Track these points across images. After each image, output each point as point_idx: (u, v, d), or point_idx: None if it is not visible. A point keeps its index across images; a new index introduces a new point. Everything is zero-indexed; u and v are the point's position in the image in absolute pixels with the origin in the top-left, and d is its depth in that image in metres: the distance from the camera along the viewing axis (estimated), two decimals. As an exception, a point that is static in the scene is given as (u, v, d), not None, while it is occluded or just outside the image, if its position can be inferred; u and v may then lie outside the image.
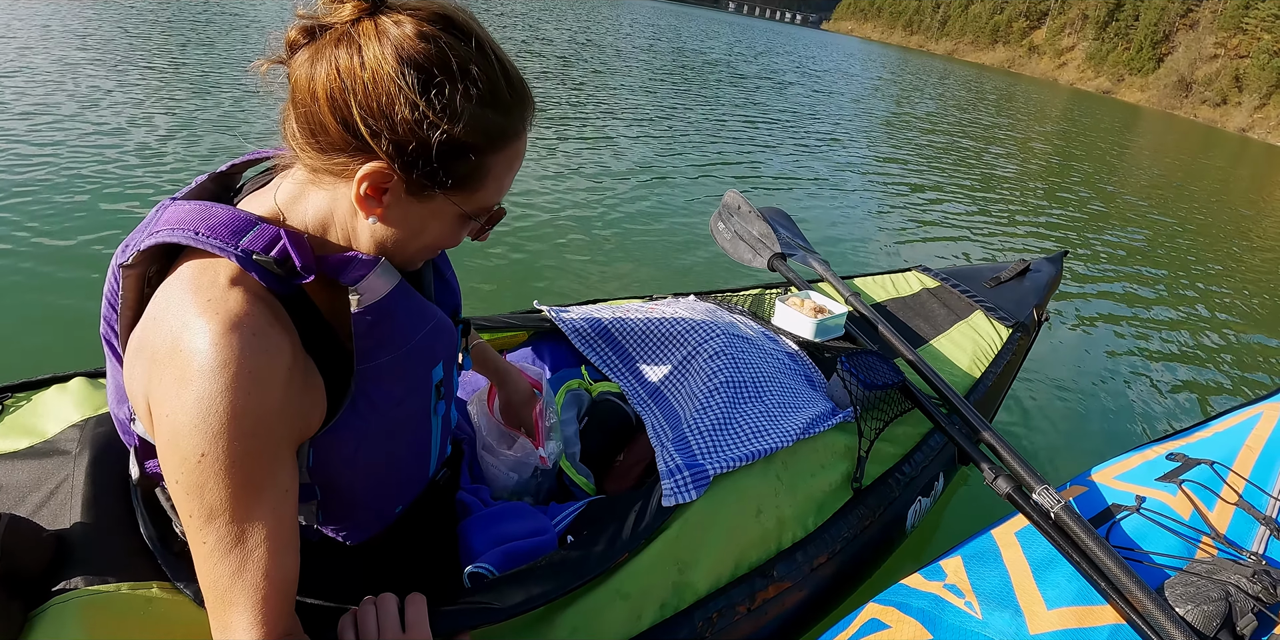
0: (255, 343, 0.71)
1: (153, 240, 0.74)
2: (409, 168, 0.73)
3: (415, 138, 0.71)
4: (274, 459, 0.74)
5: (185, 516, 0.72)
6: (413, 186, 0.75)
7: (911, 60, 34.44)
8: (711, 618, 1.14)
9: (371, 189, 0.74)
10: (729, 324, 1.60)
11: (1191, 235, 7.52)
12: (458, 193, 0.78)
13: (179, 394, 0.69)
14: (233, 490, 0.71)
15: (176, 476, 0.71)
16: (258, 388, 0.70)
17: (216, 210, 0.76)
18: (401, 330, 0.84)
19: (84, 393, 1.20)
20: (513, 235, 4.02)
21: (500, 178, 0.80)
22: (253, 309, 0.72)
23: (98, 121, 4.84)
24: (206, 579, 0.73)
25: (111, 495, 0.99)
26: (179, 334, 0.70)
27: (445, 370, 0.95)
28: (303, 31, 0.72)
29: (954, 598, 1.26)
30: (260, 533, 0.73)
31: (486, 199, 0.81)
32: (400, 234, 0.80)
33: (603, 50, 13.90)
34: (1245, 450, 1.68)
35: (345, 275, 0.78)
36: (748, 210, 2.37)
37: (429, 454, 0.99)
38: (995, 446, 1.55)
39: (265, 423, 0.71)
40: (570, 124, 7.12)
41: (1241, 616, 1.21)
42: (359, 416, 0.82)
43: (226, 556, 0.72)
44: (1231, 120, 31.38)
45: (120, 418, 0.85)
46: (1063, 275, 2.71)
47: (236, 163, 0.90)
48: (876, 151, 8.87)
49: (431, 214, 0.79)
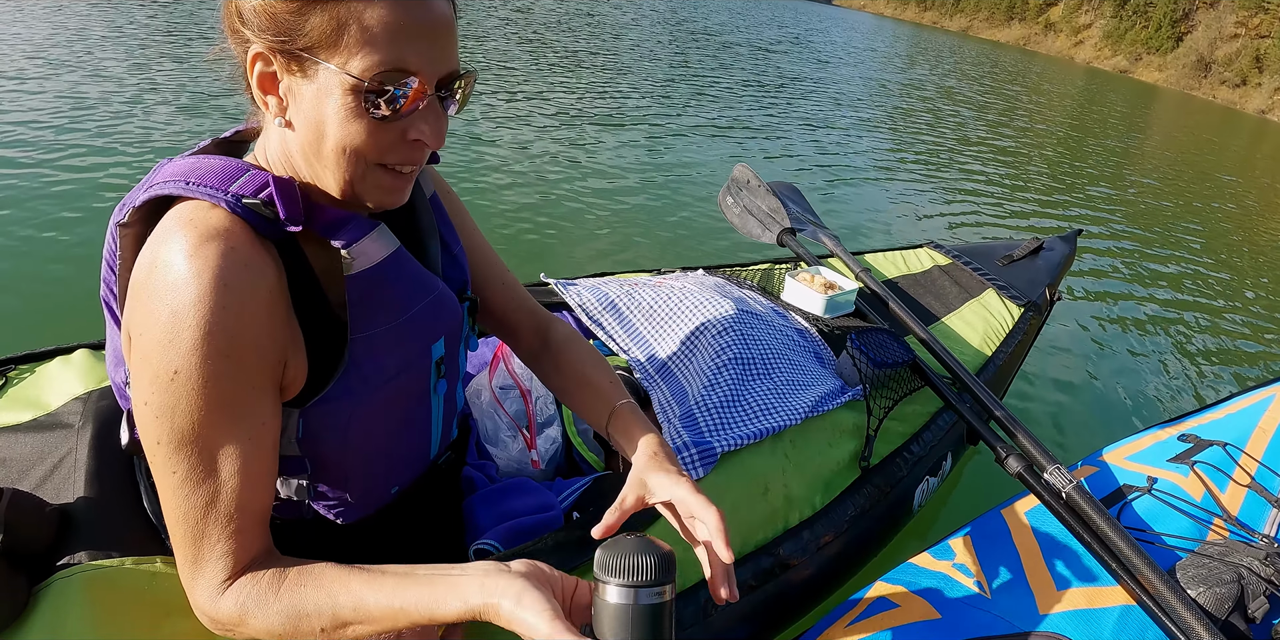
0: (234, 256, 0.68)
1: (147, 195, 0.72)
2: (272, 31, 0.68)
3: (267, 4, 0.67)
4: (251, 386, 0.71)
5: (153, 444, 0.69)
6: (287, 56, 0.69)
7: (925, 37, 33.98)
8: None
9: (262, 76, 0.71)
10: (738, 299, 1.58)
11: (1208, 216, 7.44)
12: (327, 52, 0.68)
13: (151, 309, 0.67)
14: (206, 412, 0.68)
15: (146, 398, 0.68)
16: (235, 303, 0.68)
17: (210, 161, 0.75)
18: (397, 299, 0.82)
19: (87, 364, 1.20)
20: (521, 209, 4.01)
21: (377, 26, 0.67)
22: (235, 227, 0.70)
23: (105, 91, 4.82)
24: (176, 511, 0.70)
25: (114, 469, 0.99)
26: (156, 253, 0.68)
27: (448, 347, 0.92)
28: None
29: (962, 577, 1.26)
30: (234, 461, 0.70)
31: (370, 59, 0.68)
32: (308, 134, 0.72)
33: (610, 27, 13.74)
34: (1258, 432, 1.67)
35: (338, 236, 0.75)
36: (757, 185, 2.34)
37: (429, 434, 0.96)
38: (1006, 425, 1.53)
39: (242, 344, 0.69)
40: (578, 98, 7.06)
41: (1254, 599, 1.20)
42: (349, 389, 0.79)
43: (200, 486, 0.70)
44: (1251, 101, 30.94)
45: (117, 382, 0.83)
46: (1076, 254, 2.67)
47: (242, 128, 0.87)
48: (889, 127, 8.77)
49: (320, 92, 0.69)
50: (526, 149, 5.09)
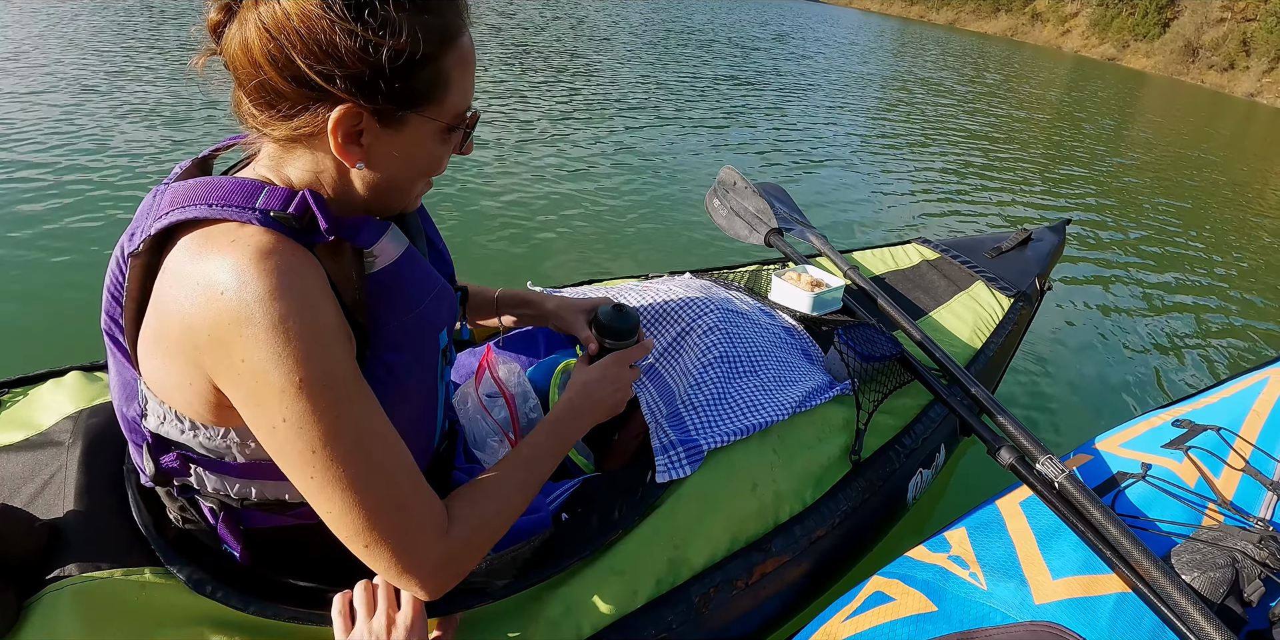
0: (296, 262, 0.71)
1: (165, 221, 0.73)
2: (372, 97, 0.73)
3: (366, 64, 0.71)
4: (354, 368, 0.75)
5: (308, 455, 0.72)
6: (384, 116, 0.75)
7: (912, 30, 34.00)
8: (709, 593, 1.13)
9: (347, 135, 0.74)
10: (724, 300, 1.58)
11: (1198, 201, 7.44)
12: (427, 106, 0.77)
13: (243, 333, 0.68)
14: (345, 402, 0.73)
15: (283, 415, 0.70)
16: (318, 304, 0.71)
17: (221, 181, 0.77)
18: (412, 294, 0.85)
19: (79, 385, 1.21)
20: (507, 217, 4.00)
21: (460, 79, 0.79)
22: (279, 239, 0.72)
23: (92, 112, 4.82)
24: (365, 504, 0.74)
25: (104, 484, 1.00)
26: (211, 279, 0.69)
27: (448, 336, 0.97)
28: (220, 10, 0.72)
29: (958, 569, 1.26)
30: (385, 431, 0.77)
31: (456, 104, 0.80)
32: (391, 171, 0.80)
33: (591, 30, 13.73)
34: (1252, 415, 1.67)
35: (360, 238, 0.79)
36: (744, 186, 2.35)
37: (435, 421, 1.00)
38: (997, 417, 1.53)
39: (336, 337, 0.73)
40: (559, 102, 7.04)
41: (1249, 582, 1.20)
42: (377, 382, 0.81)
43: (379, 467, 0.75)
44: (1239, 85, 30.95)
45: (130, 416, 0.84)
46: (1066, 243, 2.68)
47: (217, 147, 0.91)
48: (875, 124, 8.76)
49: (412, 139, 0.79)
50: (509, 157, 5.08)
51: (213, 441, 0.80)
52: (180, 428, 0.80)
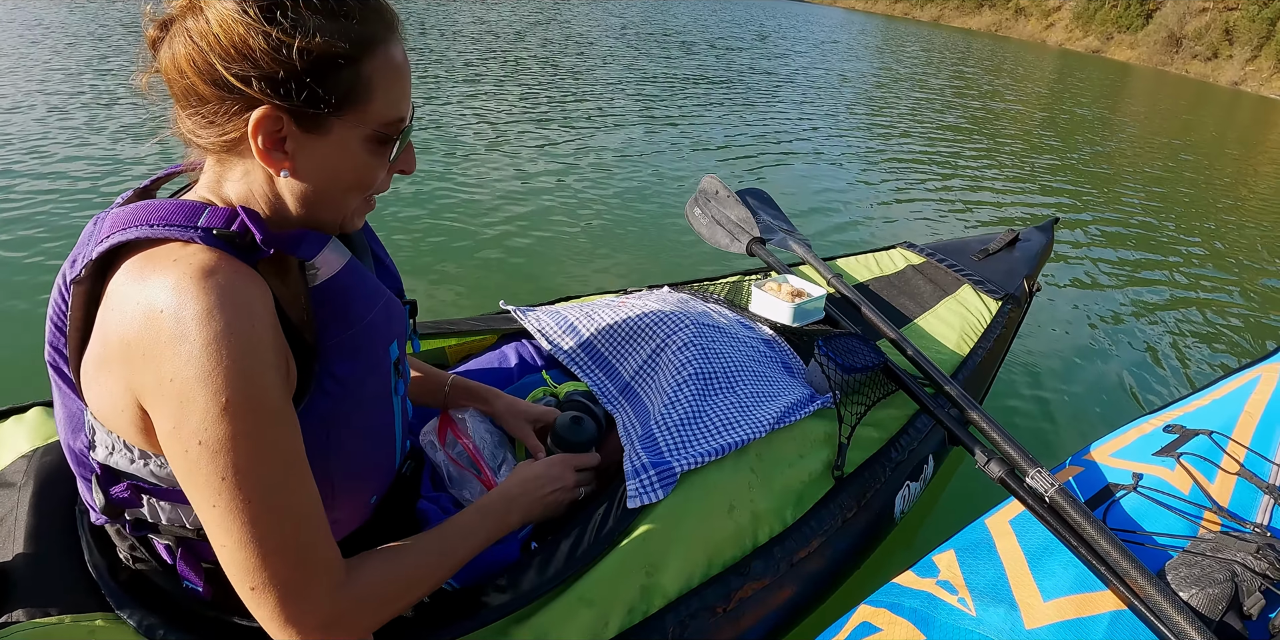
0: (239, 281, 0.71)
1: (105, 245, 0.72)
2: (288, 96, 0.72)
3: (279, 65, 0.71)
4: (286, 399, 0.74)
5: (216, 482, 0.69)
6: (304, 120, 0.74)
7: (896, 28, 34.07)
8: (684, 621, 1.10)
9: (268, 139, 0.74)
10: (700, 314, 1.54)
11: (1187, 195, 7.44)
12: (349, 110, 0.76)
13: (178, 351, 0.67)
14: (266, 431, 0.71)
15: (198, 438, 0.68)
16: (258, 325, 0.70)
17: (161, 202, 0.77)
18: (358, 305, 0.85)
19: (38, 423, 1.18)
20: (479, 232, 3.91)
21: (387, 88, 0.78)
22: (222, 257, 0.72)
23: (44, 147, 4.71)
24: (262, 541, 0.71)
25: (56, 526, 0.98)
26: (150, 300, 0.69)
27: (400, 348, 0.96)
28: (157, 27, 0.74)
29: (947, 595, 1.22)
30: (300, 471, 0.74)
31: (381, 113, 0.78)
32: (319, 181, 0.79)
33: (568, 34, 13.70)
34: (1245, 416, 1.64)
35: (301, 250, 0.79)
36: (726, 195, 2.31)
37: (394, 438, 0.97)
38: (985, 428, 1.49)
39: (271, 361, 0.72)
40: (534, 112, 6.97)
41: (1248, 595, 1.16)
42: (327, 397, 0.81)
43: (283, 506, 0.72)
44: (1223, 74, 31.12)
45: (77, 448, 0.82)
46: (1054, 243, 2.65)
47: (159, 176, 0.90)
48: (860, 124, 8.73)
49: (337, 146, 0.78)
50: (480, 172, 4.99)
51: (163, 470, 0.79)
52: (130, 457, 0.78)
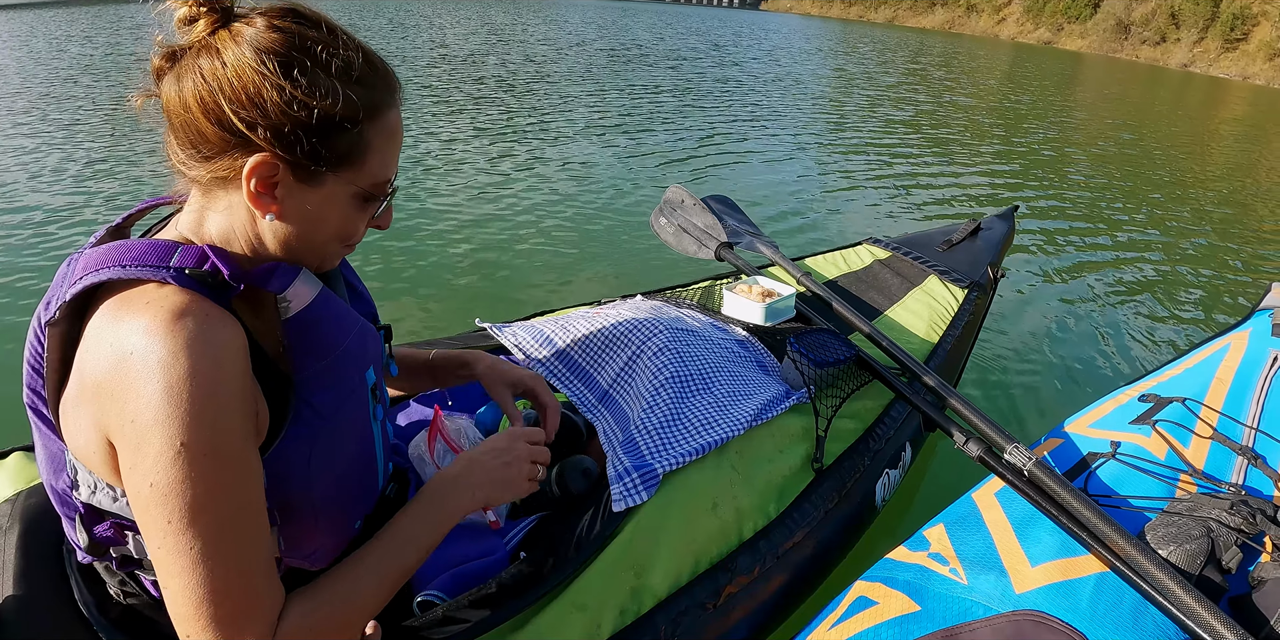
0: (210, 324, 0.71)
1: (79, 287, 0.73)
2: (290, 149, 0.74)
3: (288, 119, 0.73)
4: (246, 442, 0.74)
5: (162, 524, 0.69)
6: (300, 171, 0.77)
7: (852, 31, 34.54)
8: (675, 619, 1.11)
9: (261, 183, 0.75)
10: (674, 319, 1.57)
11: (1142, 175, 7.57)
12: (345, 169, 0.79)
13: (141, 392, 0.67)
14: (218, 477, 0.70)
15: (150, 479, 0.68)
16: (225, 370, 0.70)
17: (134, 243, 0.77)
18: (332, 335, 0.85)
19: (20, 467, 1.18)
20: (449, 256, 3.91)
21: (382, 150, 0.82)
22: (194, 299, 0.72)
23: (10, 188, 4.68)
24: (204, 584, 0.70)
25: (44, 566, 0.98)
26: (121, 341, 0.69)
27: (376, 374, 0.96)
28: (165, 57, 0.75)
29: (938, 566, 1.24)
30: (251, 516, 0.73)
31: (374, 173, 0.82)
32: (302, 228, 0.80)
33: (526, 54, 13.78)
34: (1216, 383, 1.68)
35: (272, 283, 0.79)
36: (691, 203, 2.35)
37: (375, 462, 0.98)
38: (961, 410, 1.53)
39: (235, 406, 0.72)
40: (491, 132, 6.97)
41: (1225, 550, 1.20)
42: (305, 426, 0.81)
43: (228, 551, 0.71)
44: (1172, 57, 31.75)
45: (59, 488, 0.82)
46: (1015, 230, 2.70)
47: (131, 213, 0.91)
48: (818, 127, 8.80)
49: (326, 199, 0.80)
50: (447, 192, 5.00)
51: None
52: (112, 495, 0.78)
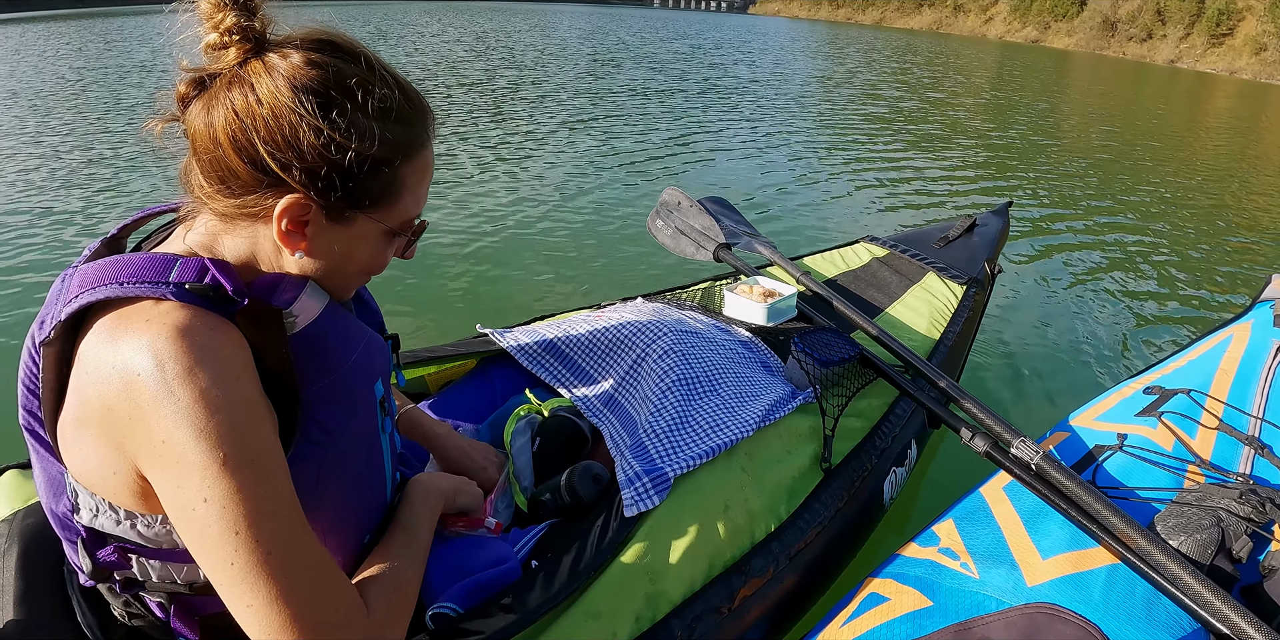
0: (216, 336, 0.70)
1: (74, 305, 0.71)
2: (325, 193, 0.74)
3: (325, 162, 0.72)
4: (278, 445, 0.74)
5: (230, 536, 0.68)
6: (332, 212, 0.76)
7: (840, 32, 34.69)
8: (691, 624, 1.10)
9: (292, 223, 0.75)
10: (677, 321, 1.57)
11: (1134, 168, 7.60)
12: (377, 210, 0.79)
13: (161, 412, 0.66)
14: (268, 481, 0.70)
15: (204, 495, 0.67)
16: (241, 378, 0.70)
17: (130, 258, 0.75)
18: (339, 349, 0.84)
19: (14, 486, 1.16)
20: (448, 264, 3.89)
21: (415, 189, 0.81)
22: (196, 313, 0.70)
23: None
24: (284, 588, 0.70)
25: (44, 587, 0.97)
26: (127, 362, 0.67)
27: (384, 386, 0.94)
28: (192, 84, 0.73)
29: (949, 561, 1.24)
30: (303, 520, 0.74)
31: (406, 212, 0.82)
32: (329, 263, 0.80)
33: (517, 60, 13.78)
34: (1220, 374, 1.68)
35: (277, 298, 0.77)
36: (688, 205, 2.35)
37: (384, 475, 0.97)
38: (966, 405, 1.53)
39: (260, 411, 0.72)
40: (494, 140, 6.97)
41: (1236, 539, 1.20)
42: (313, 443, 0.80)
43: (299, 548, 0.72)
44: (1159, 53, 31.94)
45: (60, 512, 0.80)
46: (1011, 225, 2.71)
47: (126, 223, 0.88)
48: (812, 127, 8.81)
49: (356, 237, 0.80)
50: (439, 205, 4.95)
51: (151, 529, 0.77)
52: (115, 519, 0.76)
